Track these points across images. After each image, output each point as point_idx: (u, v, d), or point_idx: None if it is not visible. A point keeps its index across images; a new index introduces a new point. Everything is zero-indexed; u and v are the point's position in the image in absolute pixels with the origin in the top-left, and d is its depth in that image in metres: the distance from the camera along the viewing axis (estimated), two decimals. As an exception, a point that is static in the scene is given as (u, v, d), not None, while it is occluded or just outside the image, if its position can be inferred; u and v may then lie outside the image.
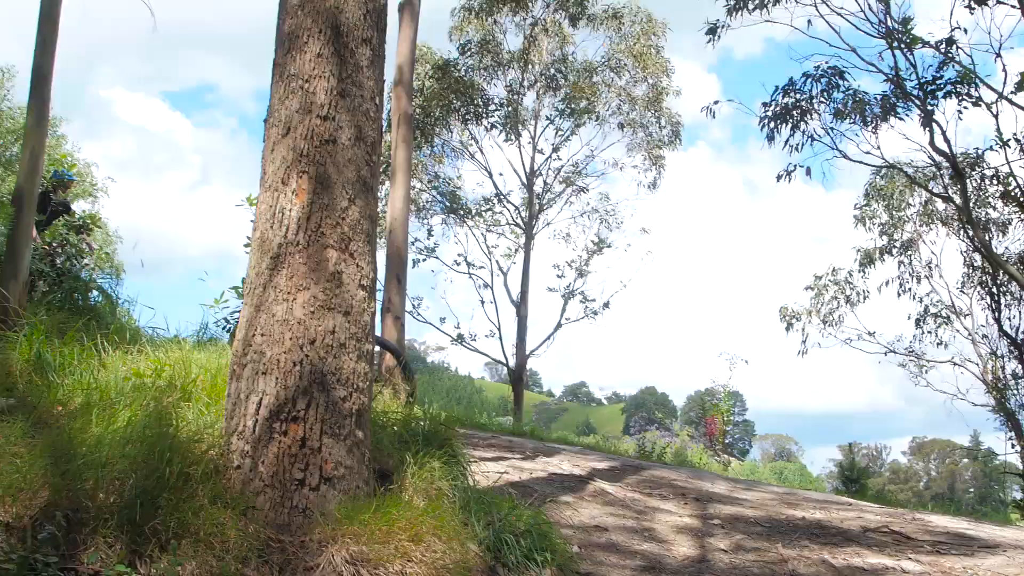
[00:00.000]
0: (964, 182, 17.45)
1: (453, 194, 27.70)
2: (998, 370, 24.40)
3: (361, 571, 3.84)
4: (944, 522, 7.87)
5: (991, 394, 24.31)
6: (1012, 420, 23.62)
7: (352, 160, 4.76)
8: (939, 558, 6.38)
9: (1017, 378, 23.93)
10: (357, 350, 4.60)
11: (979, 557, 6.36)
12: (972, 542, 6.88)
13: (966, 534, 7.21)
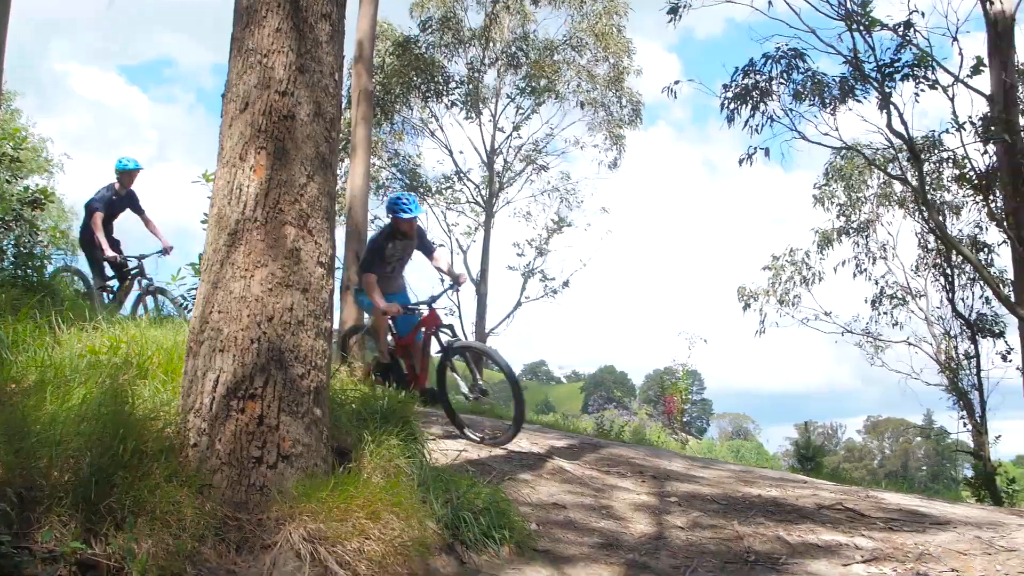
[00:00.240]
0: (920, 164, 17.60)
1: (413, 172, 27.60)
2: (951, 350, 24.74)
3: (319, 549, 3.83)
4: (897, 499, 7.98)
5: (944, 374, 24.66)
6: (964, 399, 23.97)
7: (311, 136, 4.72)
8: (891, 534, 6.47)
9: (969, 358, 24.26)
10: (315, 327, 4.58)
11: (930, 533, 6.46)
12: (924, 519, 6.98)
13: (918, 511, 7.32)
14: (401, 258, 9.20)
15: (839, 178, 25.43)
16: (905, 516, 7.08)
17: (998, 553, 5.92)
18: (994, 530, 6.59)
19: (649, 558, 5.87)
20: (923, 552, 5.99)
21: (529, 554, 5.43)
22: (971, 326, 23.50)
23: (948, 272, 24.03)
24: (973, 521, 6.99)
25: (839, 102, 16.61)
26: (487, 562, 5.07)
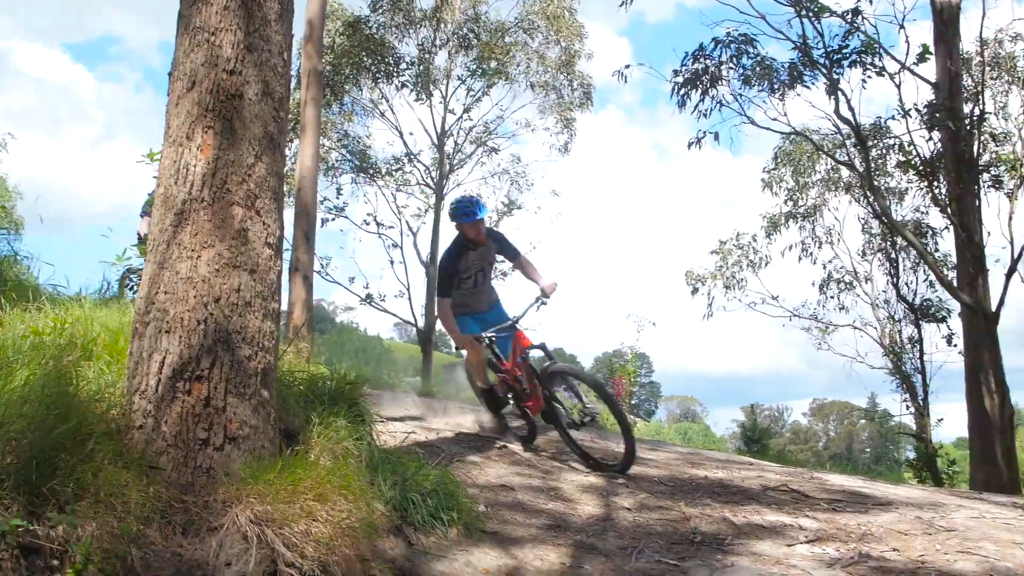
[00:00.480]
0: (867, 151, 17.83)
1: (363, 153, 27.41)
2: (895, 334, 25.15)
3: (266, 531, 3.82)
4: (841, 481, 8.11)
5: (888, 357, 25.07)
6: (907, 383, 24.40)
7: (259, 116, 4.68)
8: (835, 515, 6.57)
9: (913, 342, 24.69)
10: (263, 309, 4.55)
11: (873, 514, 6.57)
12: (867, 500, 7.10)
13: (861, 492, 7.44)
14: (481, 268, 8.24)
15: (787, 163, 25.71)
16: (848, 497, 7.20)
17: (938, 533, 6.03)
18: (934, 510, 6.72)
19: (596, 539, 5.91)
20: (865, 532, 6.08)
21: (477, 535, 5.45)
22: (915, 311, 23.92)
23: (893, 257, 24.41)
24: (914, 502, 7.12)
25: (788, 88, 16.78)
26: (435, 543, 5.08)
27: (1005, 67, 20.52)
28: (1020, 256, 18.04)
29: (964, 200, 16.54)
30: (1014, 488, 14.97)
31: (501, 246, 8.30)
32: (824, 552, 5.76)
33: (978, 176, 17.15)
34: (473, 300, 8.30)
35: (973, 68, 18.51)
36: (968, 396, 16.57)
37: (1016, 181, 19.38)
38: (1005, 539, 5.90)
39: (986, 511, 6.81)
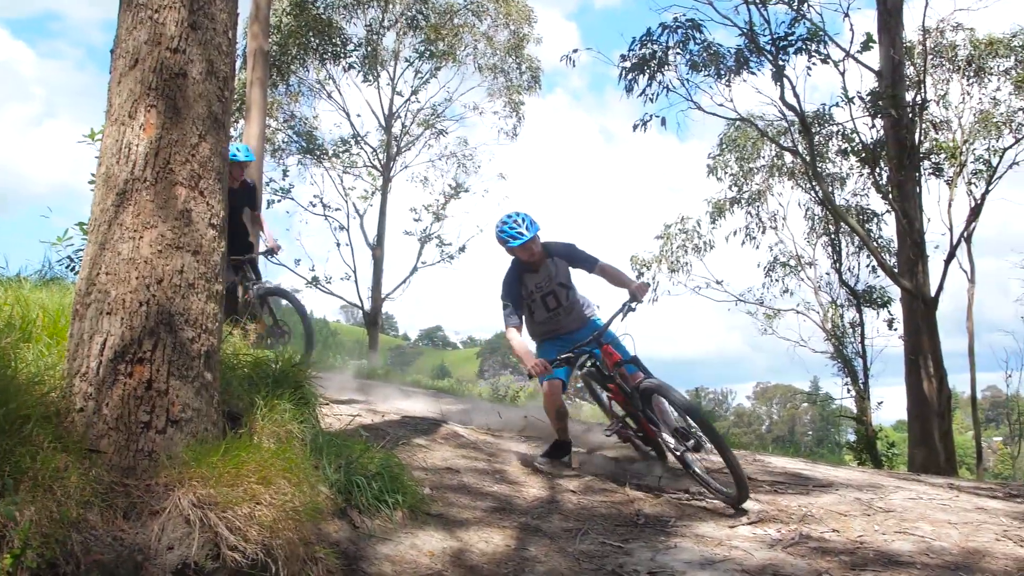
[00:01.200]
0: (811, 137, 18.03)
1: (310, 134, 27.22)
2: (837, 319, 25.53)
3: (208, 514, 3.79)
4: (783, 463, 8.23)
5: (830, 341, 25.46)
6: (848, 366, 24.79)
7: (203, 95, 4.62)
8: (777, 497, 6.67)
9: (855, 327, 25.08)
10: (206, 290, 4.50)
11: (814, 496, 6.67)
12: (808, 482, 7.22)
13: (803, 474, 7.55)
14: (551, 291, 7.27)
15: (732, 149, 25.96)
16: (790, 479, 7.31)
17: (876, 514, 6.14)
18: (873, 492, 6.84)
19: (541, 521, 5.94)
20: (806, 514, 6.18)
21: (422, 518, 5.46)
22: (857, 296, 24.28)
23: (836, 243, 24.75)
24: (854, 483, 7.24)
25: (734, 74, 16.91)
26: (380, 526, 5.08)
27: (946, 56, 20.87)
28: (958, 243, 18.42)
29: (905, 187, 16.81)
30: (951, 470, 15.31)
31: (572, 259, 7.28)
32: (766, 533, 5.84)
33: (919, 163, 17.43)
34: (555, 324, 7.42)
35: (915, 57, 18.79)
36: (907, 380, 16.88)
37: (955, 169, 19.74)
38: (941, 519, 6.03)
39: (923, 492, 6.95)
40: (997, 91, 20.85)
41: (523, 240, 6.94)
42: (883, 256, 20.09)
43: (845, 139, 18.53)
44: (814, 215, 25.45)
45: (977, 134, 20.48)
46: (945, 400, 16.61)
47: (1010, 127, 20.06)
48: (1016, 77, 20.08)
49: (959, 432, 42.72)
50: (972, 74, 20.99)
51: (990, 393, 52.85)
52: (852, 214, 22.48)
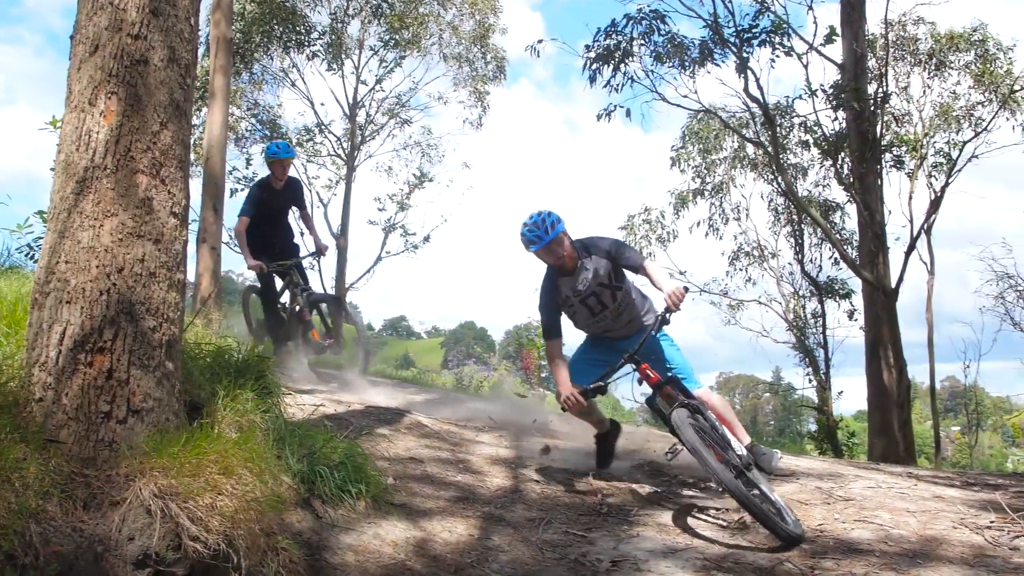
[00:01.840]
0: (774, 129, 18.14)
1: (273, 123, 27.01)
2: (799, 309, 25.77)
3: (170, 505, 3.77)
4: (744, 453, 8.28)
5: (792, 332, 25.67)
6: (810, 357, 25.02)
7: (165, 82, 4.57)
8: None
9: (816, 318, 25.31)
10: (168, 279, 4.46)
11: (775, 484, 6.72)
12: (770, 471, 7.27)
13: (764, 464, 7.61)
14: (592, 293, 6.63)
15: (695, 141, 26.08)
16: (752, 469, 7.36)
17: (836, 502, 6.21)
18: (834, 481, 6.91)
19: (505, 511, 5.96)
20: (767, 503, 6.23)
21: (386, 508, 5.45)
22: (818, 287, 24.49)
23: (799, 233, 24.95)
24: (815, 472, 7.31)
25: (698, 65, 16.98)
26: (343, 516, 5.07)
27: (908, 49, 21.05)
28: (919, 235, 18.60)
29: (867, 179, 16.95)
30: (910, 459, 15.49)
31: (615, 258, 6.58)
32: (727, 522, 5.89)
33: (880, 156, 17.59)
34: (602, 328, 6.87)
35: (878, 50, 18.92)
36: (868, 370, 17.04)
37: (916, 162, 19.92)
38: (900, 508, 6.10)
39: (883, 481, 7.03)
40: (957, 85, 21.08)
41: (543, 243, 6.36)
42: (845, 248, 20.27)
43: (808, 131, 18.66)
44: (777, 206, 25.65)
45: (937, 127, 20.67)
46: (905, 390, 16.79)
47: (969, 121, 20.28)
48: (975, 71, 20.30)
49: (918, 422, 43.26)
50: (933, 68, 21.18)
51: (948, 383, 53.55)
52: (815, 206, 22.67)
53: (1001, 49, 20.43)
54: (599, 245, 6.62)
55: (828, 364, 24.96)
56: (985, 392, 43.72)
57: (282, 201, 10.46)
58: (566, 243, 6.50)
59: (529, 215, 6.51)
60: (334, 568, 4.48)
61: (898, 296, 16.94)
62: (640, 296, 6.92)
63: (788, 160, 22.62)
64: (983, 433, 38.92)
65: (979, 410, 32.13)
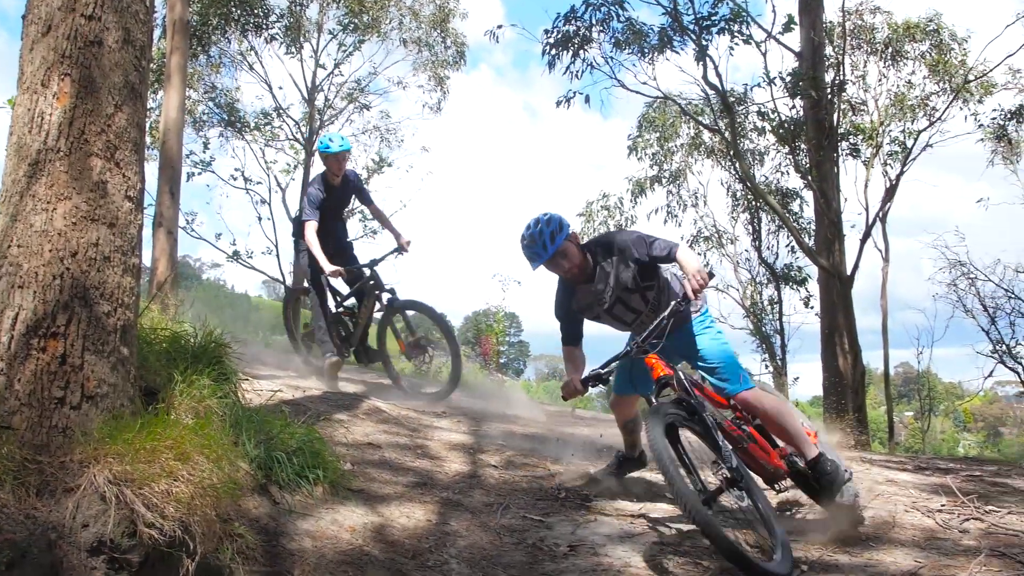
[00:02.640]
0: (733, 116, 18.24)
1: (231, 106, 26.73)
2: (756, 296, 25.98)
3: (124, 491, 3.74)
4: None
5: (749, 318, 25.90)
6: (766, 343, 25.26)
7: (119, 64, 4.51)
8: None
9: (772, 304, 25.55)
10: (122, 264, 4.42)
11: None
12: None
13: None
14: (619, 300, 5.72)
15: (651, 129, 26.18)
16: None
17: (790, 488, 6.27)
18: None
19: (462, 496, 5.97)
20: (725, 487, 6.28)
21: (343, 493, 5.45)
22: (775, 274, 24.72)
23: (756, 221, 25.15)
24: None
25: (658, 52, 17.03)
26: (301, 502, 5.06)
27: (865, 38, 21.24)
28: (874, 223, 18.82)
29: (823, 167, 17.09)
30: (864, 444, 15.66)
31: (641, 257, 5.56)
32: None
33: (837, 144, 17.74)
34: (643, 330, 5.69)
35: (835, 38, 19.08)
36: (823, 356, 17.23)
37: (872, 150, 20.13)
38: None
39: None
40: (912, 75, 21.29)
41: (543, 260, 5.54)
42: (801, 235, 20.46)
43: (765, 119, 18.79)
44: (736, 191, 25.85)
45: (893, 116, 20.88)
46: (859, 376, 16.98)
47: (924, 110, 20.50)
48: (930, 61, 20.51)
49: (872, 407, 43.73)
50: (889, 57, 21.38)
51: (902, 369, 54.15)
52: (773, 193, 22.85)
53: (956, 39, 20.69)
54: (619, 245, 5.62)
55: (784, 350, 25.23)
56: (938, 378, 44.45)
57: (340, 199, 9.85)
58: (573, 252, 5.60)
59: (527, 224, 5.62)
60: (291, 554, 4.46)
61: (853, 283, 17.13)
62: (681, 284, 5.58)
63: (746, 146, 22.76)
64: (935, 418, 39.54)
65: (932, 396, 32.63)
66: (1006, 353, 20.92)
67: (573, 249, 5.61)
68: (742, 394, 5.54)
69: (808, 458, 5.44)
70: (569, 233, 5.58)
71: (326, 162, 9.48)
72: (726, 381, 5.56)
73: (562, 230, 5.54)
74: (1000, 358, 21.07)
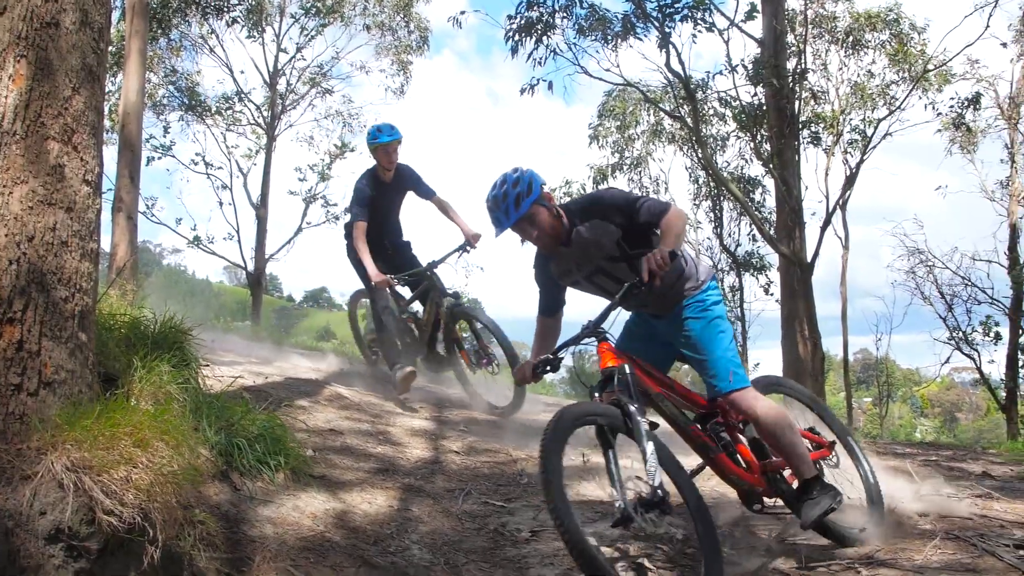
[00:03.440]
0: (695, 103, 18.31)
1: (192, 90, 26.54)
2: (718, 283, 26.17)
3: (83, 478, 3.70)
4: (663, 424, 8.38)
5: (711, 305, 26.06)
6: (728, 329, 25.42)
7: (77, 46, 4.45)
8: (655, 457, 6.81)
9: (734, 291, 25.74)
10: (80, 248, 4.36)
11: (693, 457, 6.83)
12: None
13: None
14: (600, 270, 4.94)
15: (612, 117, 26.28)
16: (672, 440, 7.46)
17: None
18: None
19: (424, 482, 5.97)
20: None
21: (305, 480, 5.43)
22: (737, 261, 24.89)
23: (717, 208, 25.33)
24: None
25: (621, 39, 17.08)
26: (262, 489, 5.04)
27: (827, 27, 21.39)
28: (834, 210, 18.99)
29: (785, 155, 17.22)
30: (823, 430, 15.82)
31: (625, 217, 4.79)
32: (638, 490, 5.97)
33: (798, 132, 17.88)
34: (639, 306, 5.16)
35: (797, 27, 19.21)
36: (783, 342, 17.40)
37: (833, 138, 20.31)
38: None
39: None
40: (873, 64, 21.52)
41: (506, 227, 4.81)
42: (762, 222, 20.61)
43: (727, 106, 18.90)
44: (698, 178, 26.01)
45: (853, 105, 21.08)
46: (819, 362, 17.16)
47: (884, 99, 20.70)
48: (890, 51, 20.70)
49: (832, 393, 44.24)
50: (850, 46, 21.57)
51: (861, 356, 54.67)
52: (735, 181, 22.99)
53: (915, 29, 20.90)
54: (600, 206, 4.86)
55: (745, 337, 25.47)
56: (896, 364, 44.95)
57: (393, 194, 8.98)
58: (543, 218, 4.81)
59: (494, 182, 4.90)
60: (252, 540, 4.45)
61: (813, 270, 17.30)
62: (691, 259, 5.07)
63: (708, 132, 22.89)
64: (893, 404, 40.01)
65: (890, 382, 32.98)
66: (962, 340, 21.23)
67: (544, 214, 4.79)
68: (732, 395, 4.81)
69: (803, 478, 4.84)
70: (540, 194, 4.78)
71: (375, 155, 8.71)
72: (713, 378, 4.84)
73: (531, 192, 4.74)
74: (957, 345, 21.39)
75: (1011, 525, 5.40)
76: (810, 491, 4.77)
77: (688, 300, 4.93)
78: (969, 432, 43.72)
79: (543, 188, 4.82)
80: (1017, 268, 20.13)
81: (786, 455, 4.85)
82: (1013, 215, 20.70)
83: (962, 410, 58.58)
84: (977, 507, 5.78)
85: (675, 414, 4.89)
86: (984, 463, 7.75)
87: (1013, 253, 20.41)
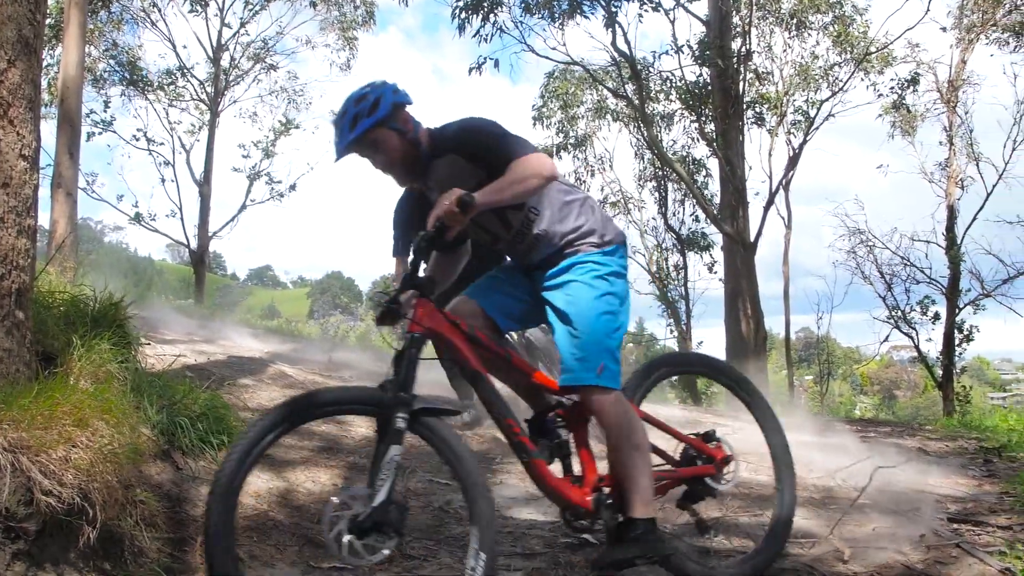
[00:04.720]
0: (641, 83, 18.39)
1: (133, 64, 26.12)
2: (662, 262, 26.38)
3: (21, 458, 3.65)
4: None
5: (655, 284, 26.30)
6: (672, 308, 25.71)
7: (12, 18, 4.36)
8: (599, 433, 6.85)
9: (678, 269, 25.98)
10: (17, 225, 4.28)
11: (635, 433, 6.89)
12: (629, 420, 7.43)
13: (625, 413, 7.76)
14: None
15: (555, 97, 26.36)
16: (613, 417, 7.50)
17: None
18: (693, 428, 7.10)
19: (368, 460, 5.96)
20: (627, 450, 6.37)
21: (248, 459, 5.39)
22: (681, 240, 25.12)
23: (662, 188, 25.52)
24: (675, 420, 7.48)
25: (567, 17, 17.09)
26: (204, 468, 5.00)
27: (771, 9, 21.54)
28: (777, 190, 19.20)
29: (729, 135, 17.37)
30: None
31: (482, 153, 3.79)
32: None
33: (743, 113, 18.03)
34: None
35: (742, 7, 19.33)
36: (726, 321, 17.59)
37: (776, 119, 20.50)
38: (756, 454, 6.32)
39: (739, 428, 7.25)
40: (816, 45, 21.71)
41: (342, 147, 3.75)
42: (706, 202, 20.78)
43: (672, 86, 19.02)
44: (644, 155, 26.15)
45: (797, 86, 21.26)
46: (761, 340, 17.38)
47: (827, 81, 20.91)
48: (833, 33, 20.90)
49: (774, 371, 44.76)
50: (794, 28, 21.73)
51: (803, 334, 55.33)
52: (680, 162, 23.15)
53: (858, 11, 21.10)
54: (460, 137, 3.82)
55: (689, 315, 25.74)
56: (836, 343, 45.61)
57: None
58: (392, 143, 3.77)
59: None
60: (195, 520, 4.42)
61: (756, 249, 17.51)
62: (560, 203, 3.95)
63: (653, 109, 23.01)
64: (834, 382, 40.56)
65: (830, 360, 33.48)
66: (901, 319, 21.58)
67: (393, 139, 3.75)
68: (593, 394, 3.89)
69: (627, 514, 3.89)
70: (387, 115, 3.71)
71: None
72: (580, 361, 3.86)
73: (375, 111, 3.69)
74: (896, 324, 21.73)
75: (946, 499, 5.51)
76: (632, 530, 3.83)
77: (581, 257, 3.91)
78: (907, 409, 44.53)
79: (399, 108, 3.78)
80: (954, 249, 20.47)
81: (619, 479, 3.96)
82: (951, 196, 21.03)
83: (900, 388, 59.61)
84: (913, 482, 5.90)
85: (491, 400, 3.89)
86: (920, 439, 7.91)
87: (950, 234, 20.74)
